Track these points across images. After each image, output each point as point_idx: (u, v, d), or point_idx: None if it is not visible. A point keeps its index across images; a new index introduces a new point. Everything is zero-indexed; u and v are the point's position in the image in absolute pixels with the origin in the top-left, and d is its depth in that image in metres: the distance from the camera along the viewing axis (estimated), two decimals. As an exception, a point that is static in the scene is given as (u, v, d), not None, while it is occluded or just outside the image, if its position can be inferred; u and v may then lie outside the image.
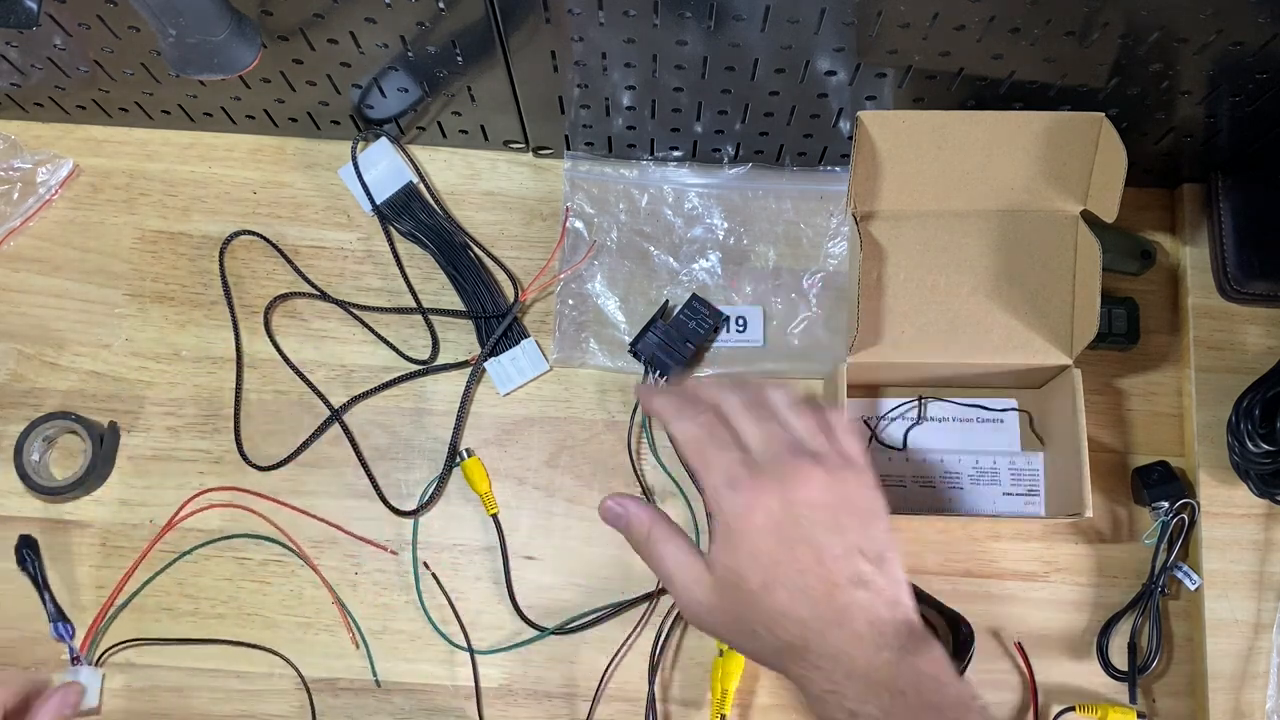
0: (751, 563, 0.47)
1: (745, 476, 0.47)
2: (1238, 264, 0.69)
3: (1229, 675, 0.65)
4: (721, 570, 0.48)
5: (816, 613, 0.46)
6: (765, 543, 0.47)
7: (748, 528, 0.47)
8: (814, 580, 0.46)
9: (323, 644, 0.67)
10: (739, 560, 0.47)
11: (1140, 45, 0.56)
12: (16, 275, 0.71)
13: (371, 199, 0.71)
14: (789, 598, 0.46)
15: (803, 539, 0.47)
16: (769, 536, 0.47)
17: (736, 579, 0.47)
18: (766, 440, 0.49)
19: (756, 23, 0.55)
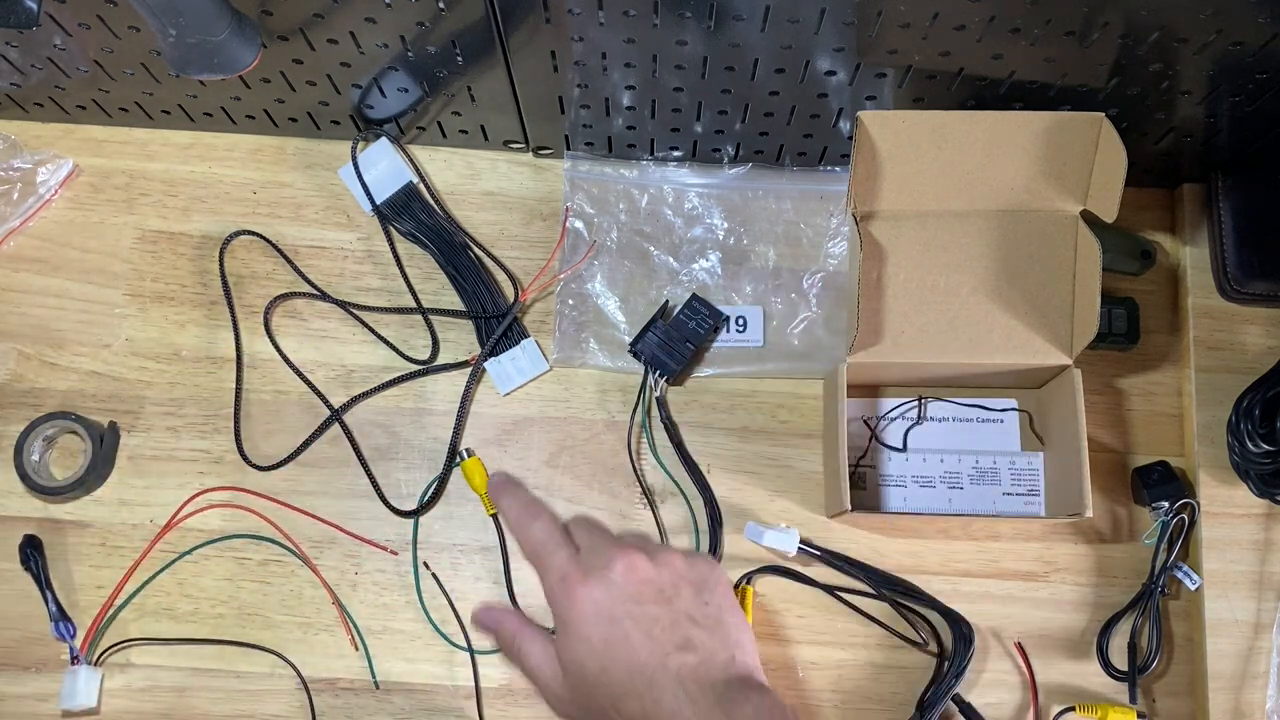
0: (587, 650, 0.50)
1: (574, 571, 0.52)
2: (1238, 264, 0.69)
3: (1229, 675, 0.65)
4: (566, 663, 0.51)
5: (650, 682, 0.49)
6: (596, 629, 0.50)
7: (578, 618, 0.51)
8: (644, 654, 0.50)
9: (323, 644, 0.67)
10: (577, 651, 0.51)
11: (1140, 45, 0.56)
12: (16, 275, 0.71)
13: (371, 199, 0.71)
14: (626, 675, 0.50)
15: (629, 616, 0.50)
16: (598, 623, 0.50)
17: (579, 669, 0.51)
18: (594, 539, 0.53)
19: (756, 23, 0.55)
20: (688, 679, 0.49)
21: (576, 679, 0.51)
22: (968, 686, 0.66)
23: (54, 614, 0.65)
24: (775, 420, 0.70)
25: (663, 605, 0.51)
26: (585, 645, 0.51)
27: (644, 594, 0.51)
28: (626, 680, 0.50)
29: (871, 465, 0.69)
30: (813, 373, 0.70)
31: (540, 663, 0.53)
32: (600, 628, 0.50)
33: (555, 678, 0.52)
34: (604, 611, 0.51)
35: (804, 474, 0.69)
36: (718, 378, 0.71)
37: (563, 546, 0.53)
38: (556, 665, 0.52)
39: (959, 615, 0.65)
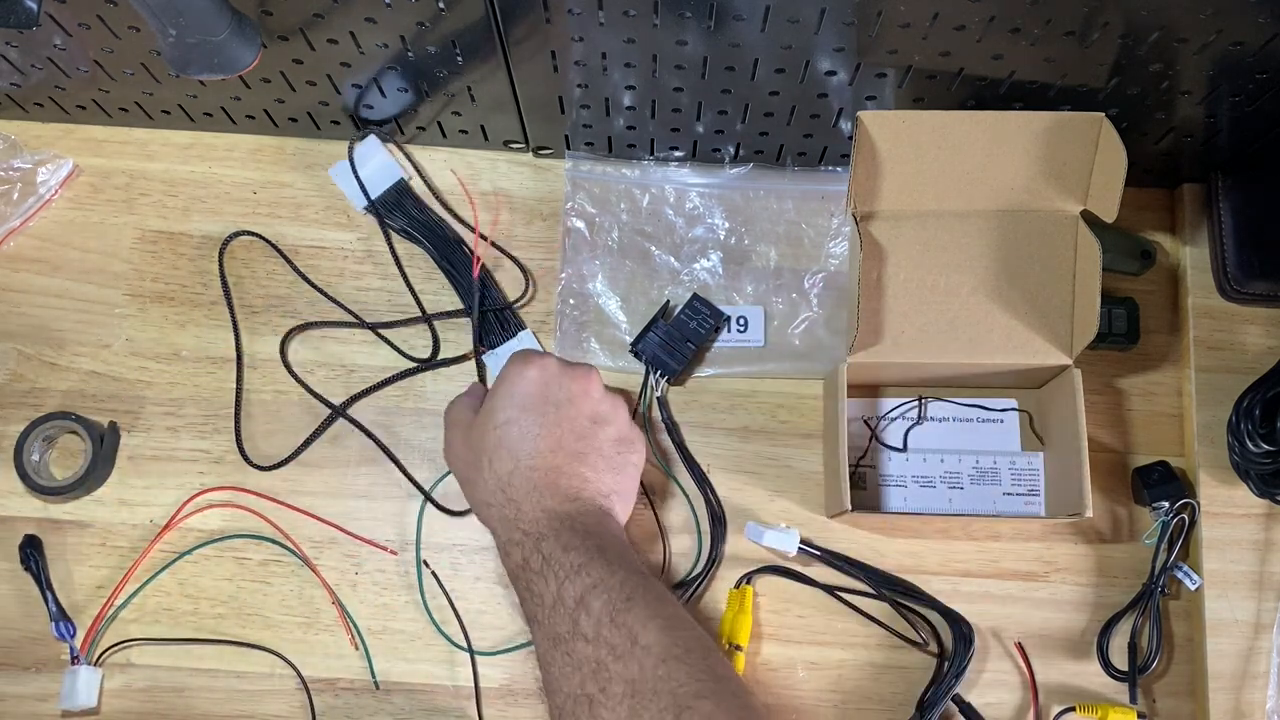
0: (506, 401, 0.58)
1: (536, 353, 0.60)
2: (1238, 264, 0.69)
3: (1229, 675, 0.65)
4: (482, 410, 0.59)
5: (534, 461, 0.57)
6: (528, 389, 0.58)
7: (518, 375, 0.59)
8: (546, 437, 0.57)
9: (323, 644, 0.67)
10: (497, 398, 0.59)
11: (1140, 45, 0.56)
12: (16, 275, 0.71)
13: (367, 195, 0.71)
14: (519, 438, 0.57)
15: (559, 406, 0.58)
16: (534, 387, 0.58)
17: (490, 412, 0.58)
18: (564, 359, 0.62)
19: (756, 23, 0.55)
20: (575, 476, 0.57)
21: (482, 421, 0.59)
22: (968, 687, 0.66)
23: (54, 614, 0.65)
24: (775, 420, 0.70)
25: (590, 424, 0.59)
26: (507, 395, 0.58)
27: (583, 409, 0.59)
28: (516, 440, 0.57)
29: (872, 465, 0.69)
30: (814, 373, 0.70)
31: (460, 405, 0.62)
32: (532, 388, 0.58)
33: (462, 420, 0.61)
34: (543, 387, 0.59)
35: (804, 474, 0.69)
36: (718, 378, 0.71)
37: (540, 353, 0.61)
38: (476, 405, 0.60)
39: (959, 615, 0.65)
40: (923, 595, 0.66)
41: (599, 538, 0.55)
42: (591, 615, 0.50)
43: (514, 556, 0.55)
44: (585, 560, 0.53)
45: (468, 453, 0.59)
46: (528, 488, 0.56)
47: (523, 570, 0.54)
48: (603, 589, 0.51)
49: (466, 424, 0.60)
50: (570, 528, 0.55)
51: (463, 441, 0.60)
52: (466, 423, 0.60)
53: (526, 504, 0.56)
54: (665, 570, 0.67)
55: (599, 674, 0.49)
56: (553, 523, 0.55)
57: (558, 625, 0.51)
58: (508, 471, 0.57)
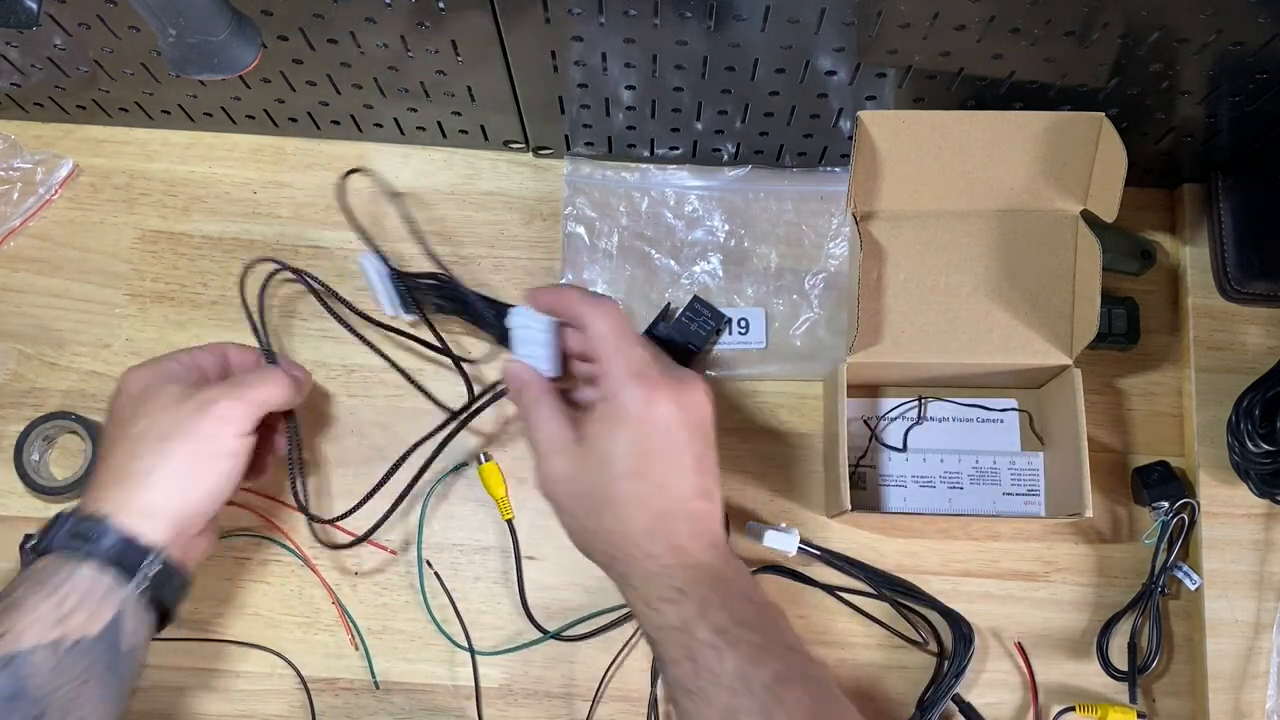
0: (630, 448, 0.51)
1: (654, 374, 0.52)
2: (1238, 264, 0.69)
3: (1229, 675, 0.65)
4: (595, 445, 0.51)
5: (670, 509, 0.51)
6: (653, 438, 0.51)
7: (642, 417, 0.51)
8: (676, 484, 0.51)
9: (323, 644, 0.67)
10: (617, 442, 0.51)
11: (1140, 45, 0.56)
12: (16, 275, 0.71)
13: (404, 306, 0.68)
14: (651, 491, 0.51)
15: (684, 442, 0.51)
16: (658, 433, 0.51)
17: (606, 458, 0.51)
18: (659, 352, 0.54)
19: (757, 22, 0.55)
20: (700, 523, 0.51)
21: (595, 465, 0.51)
22: (968, 686, 0.66)
23: (54, 614, 0.65)
24: (776, 420, 0.70)
25: (707, 449, 0.53)
26: (631, 443, 0.51)
27: (701, 431, 0.52)
28: (647, 495, 0.50)
29: (871, 465, 0.69)
30: (816, 374, 0.70)
31: (555, 428, 0.53)
32: (656, 439, 0.51)
33: (565, 451, 0.53)
34: (667, 428, 0.51)
35: (804, 474, 0.69)
36: (719, 379, 0.71)
37: (640, 344, 0.53)
38: (572, 439, 0.53)
39: (959, 615, 0.65)
40: (923, 595, 0.66)
41: (760, 605, 0.51)
42: (786, 709, 0.47)
43: (666, 615, 0.49)
44: (764, 640, 0.49)
45: (582, 497, 0.52)
46: (668, 543, 0.50)
47: (681, 634, 0.49)
48: (792, 681, 0.48)
49: (569, 453, 0.53)
50: (733, 590, 0.50)
51: (571, 479, 0.53)
52: (568, 451, 0.53)
53: (671, 558, 0.50)
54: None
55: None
56: (709, 581, 0.50)
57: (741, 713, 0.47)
58: (643, 527, 0.50)
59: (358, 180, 0.73)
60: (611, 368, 0.52)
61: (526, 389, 0.56)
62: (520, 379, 0.57)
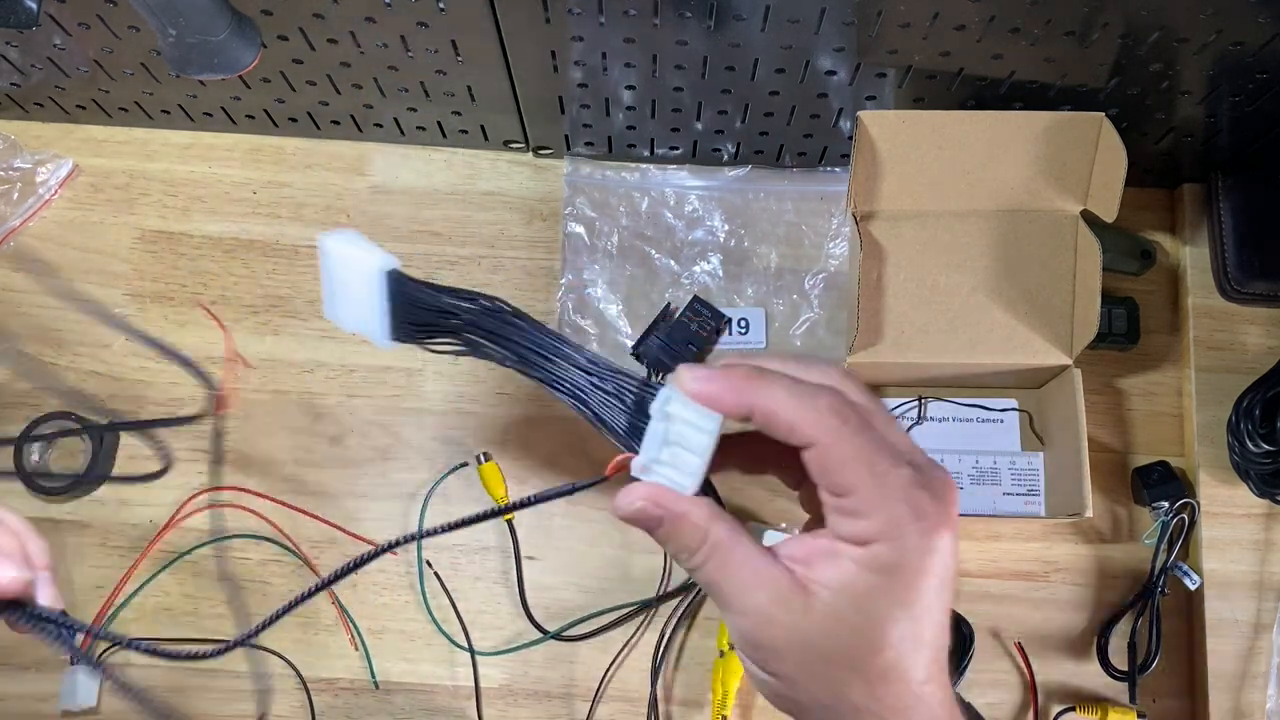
0: (899, 610, 0.36)
1: (929, 503, 0.36)
2: (1238, 264, 0.69)
3: (1229, 675, 0.65)
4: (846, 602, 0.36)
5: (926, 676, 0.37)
6: (929, 595, 0.36)
7: (920, 569, 0.36)
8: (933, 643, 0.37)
9: (322, 644, 0.67)
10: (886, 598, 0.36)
11: (1140, 45, 0.56)
12: (16, 275, 0.71)
13: None
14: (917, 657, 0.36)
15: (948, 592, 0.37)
16: (936, 588, 0.36)
17: (864, 622, 0.36)
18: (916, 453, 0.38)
19: (757, 22, 0.55)
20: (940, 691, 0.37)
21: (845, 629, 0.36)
22: (968, 686, 0.66)
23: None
24: (775, 420, 0.70)
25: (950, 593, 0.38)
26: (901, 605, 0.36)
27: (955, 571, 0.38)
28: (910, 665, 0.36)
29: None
30: (813, 373, 0.70)
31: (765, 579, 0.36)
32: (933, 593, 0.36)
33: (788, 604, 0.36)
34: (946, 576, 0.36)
35: (804, 474, 0.69)
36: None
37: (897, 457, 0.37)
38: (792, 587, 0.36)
39: (959, 615, 0.65)
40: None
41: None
42: None
43: None
44: None
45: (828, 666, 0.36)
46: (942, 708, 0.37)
47: None
48: None
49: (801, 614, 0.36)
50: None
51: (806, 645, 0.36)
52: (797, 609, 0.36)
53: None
54: (667, 572, 0.67)
55: None
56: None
57: None
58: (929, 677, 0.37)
59: (357, 180, 0.74)
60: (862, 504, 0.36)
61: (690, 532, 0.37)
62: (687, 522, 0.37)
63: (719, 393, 0.37)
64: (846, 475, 0.36)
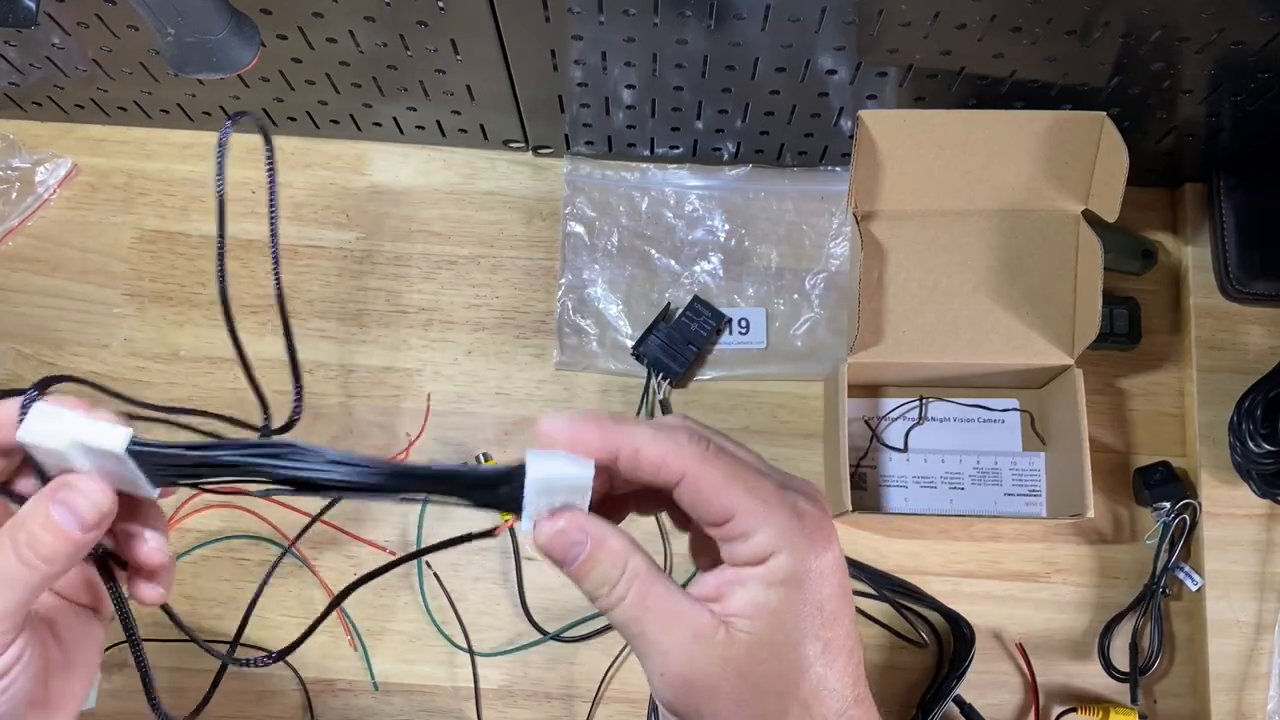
0: (813, 620, 0.35)
1: (805, 505, 0.36)
2: (1239, 263, 0.69)
3: (1231, 676, 0.65)
4: (764, 626, 0.35)
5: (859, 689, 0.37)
6: (833, 600, 0.36)
7: (819, 573, 0.35)
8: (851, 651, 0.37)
9: (321, 645, 0.66)
10: (797, 615, 0.35)
11: (1142, 44, 0.55)
12: (15, 275, 0.71)
13: None
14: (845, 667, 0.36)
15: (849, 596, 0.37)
16: (838, 591, 0.36)
17: (788, 638, 0.35)
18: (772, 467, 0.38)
19: (757, 21, 0.55)
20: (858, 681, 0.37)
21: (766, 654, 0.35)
22: (969, 687, 0.66)
23: (52, 615, 0.65)
24: (776, 420, 0.70)
25: None
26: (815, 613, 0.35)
27: None
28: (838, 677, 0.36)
29: (872, 465, 0.69)
30: (816, 374, 0.70)
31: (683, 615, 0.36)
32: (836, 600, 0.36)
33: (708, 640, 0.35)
34: (842, 580, 0.36)
35: (805, 474, 0.67)
36: (720, 380, 0.70)
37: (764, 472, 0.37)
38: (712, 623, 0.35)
39: (960, 616, 0.65)
40: (924, 596, 0.66)
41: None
42: None
43: None
44: None
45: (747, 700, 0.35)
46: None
47: None
48: None
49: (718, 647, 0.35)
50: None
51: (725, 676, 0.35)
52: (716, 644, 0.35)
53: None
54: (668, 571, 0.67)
55: None
56: None
57: None
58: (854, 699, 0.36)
59: (356, 180, 0.73)
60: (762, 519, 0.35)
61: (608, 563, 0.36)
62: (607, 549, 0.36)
63: (584, 433, 0.36)
64: (723, 498, 0.36)
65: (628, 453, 0.36)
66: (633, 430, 0.36)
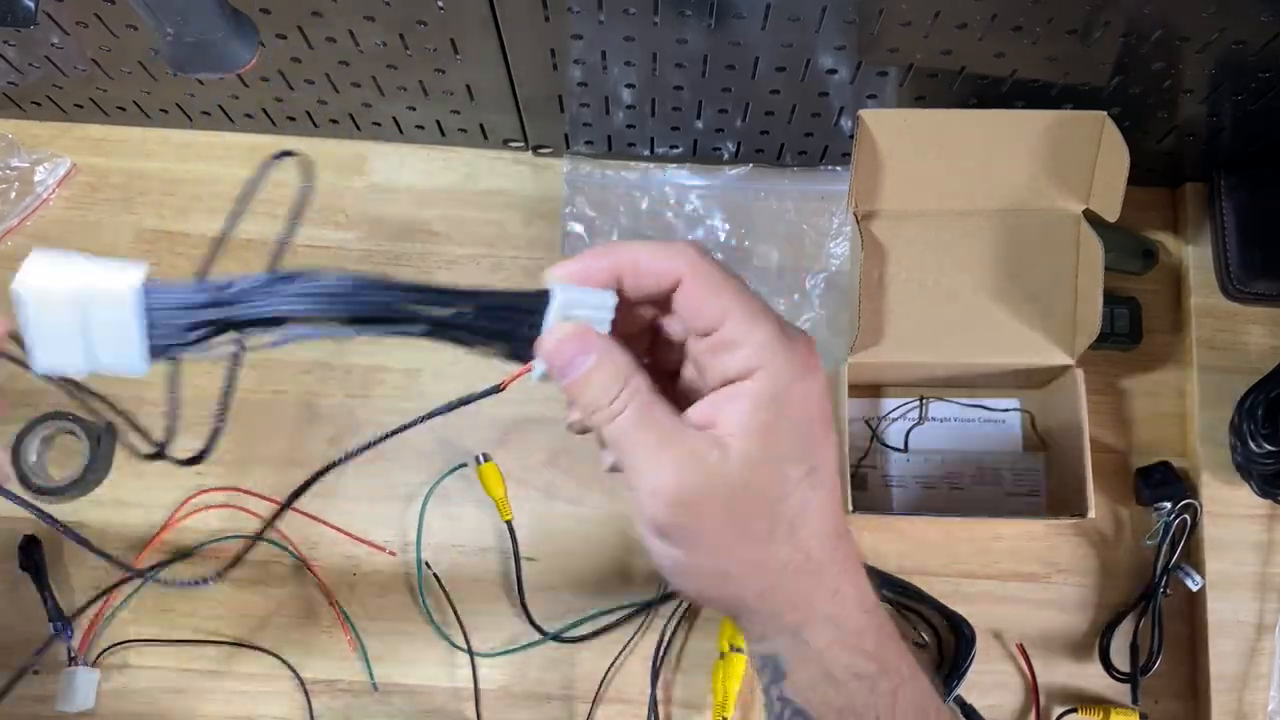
0: (800, 439, 0.36)
1: (801, 336, 0.37)
2: (1240, 263, 0.69)
3: (1231, 676, 0.65)
4: (755, 453, 0.35)
5: (840, 523, 0.38)
6: (820, 425, 0.36)
7: (805, 395, 0.36)
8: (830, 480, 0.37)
9: (321, 645, 0.66)
10: (783, 434, 0.36)
11: (1142, 44, 0.55)
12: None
13: None
14: (829, 496, 0.37)
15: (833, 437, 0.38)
16: (822, 418, 0.37)
17: (777, 469, 0.36)
18: None
19: (757, 20, 0.55)
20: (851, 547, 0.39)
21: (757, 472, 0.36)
22: (969, 688, 0.66)
23: (52, 614, 0.65)
24: (776, 420, 0.70)
25: None
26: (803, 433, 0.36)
27: None
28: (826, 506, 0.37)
29: (873, 466, 0.69)
30: (814, 373, 0.70)
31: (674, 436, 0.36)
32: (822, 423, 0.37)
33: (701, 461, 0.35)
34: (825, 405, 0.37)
35: (805, 474, 0.69)
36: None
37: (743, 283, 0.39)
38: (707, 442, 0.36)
39: (960, 616, 0.65)
40: (924, 596, 0.66)
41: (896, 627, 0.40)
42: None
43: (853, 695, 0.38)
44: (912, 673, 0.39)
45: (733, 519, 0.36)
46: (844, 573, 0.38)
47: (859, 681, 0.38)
48: None
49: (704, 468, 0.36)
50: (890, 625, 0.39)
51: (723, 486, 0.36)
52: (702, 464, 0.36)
53: (850, 599, 0.38)
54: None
55: None
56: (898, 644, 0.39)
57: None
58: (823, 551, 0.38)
59: (355, 179, 0.73)
60: (736, 331, 0.36)
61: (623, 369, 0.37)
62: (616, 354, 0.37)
63: (591, 263, 0.37)
64: (717, 301, 0.37)
65: (629, 268, 0.37)
66: (634, 246, 0.38)
